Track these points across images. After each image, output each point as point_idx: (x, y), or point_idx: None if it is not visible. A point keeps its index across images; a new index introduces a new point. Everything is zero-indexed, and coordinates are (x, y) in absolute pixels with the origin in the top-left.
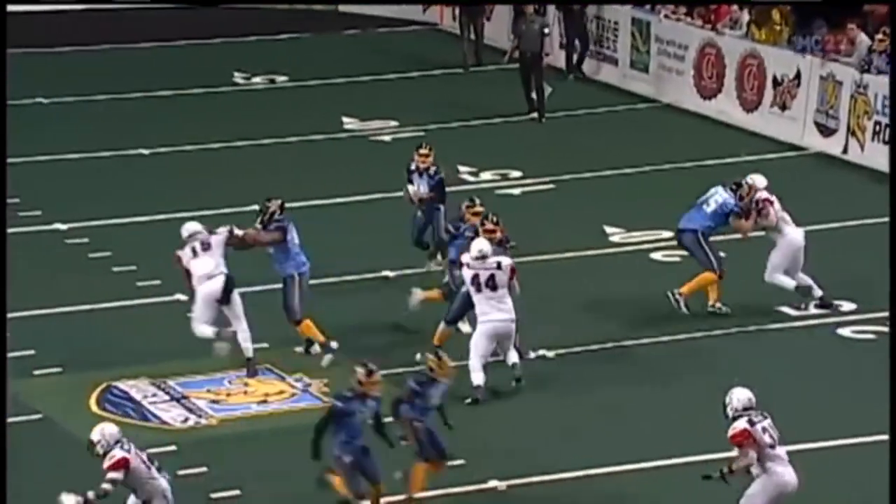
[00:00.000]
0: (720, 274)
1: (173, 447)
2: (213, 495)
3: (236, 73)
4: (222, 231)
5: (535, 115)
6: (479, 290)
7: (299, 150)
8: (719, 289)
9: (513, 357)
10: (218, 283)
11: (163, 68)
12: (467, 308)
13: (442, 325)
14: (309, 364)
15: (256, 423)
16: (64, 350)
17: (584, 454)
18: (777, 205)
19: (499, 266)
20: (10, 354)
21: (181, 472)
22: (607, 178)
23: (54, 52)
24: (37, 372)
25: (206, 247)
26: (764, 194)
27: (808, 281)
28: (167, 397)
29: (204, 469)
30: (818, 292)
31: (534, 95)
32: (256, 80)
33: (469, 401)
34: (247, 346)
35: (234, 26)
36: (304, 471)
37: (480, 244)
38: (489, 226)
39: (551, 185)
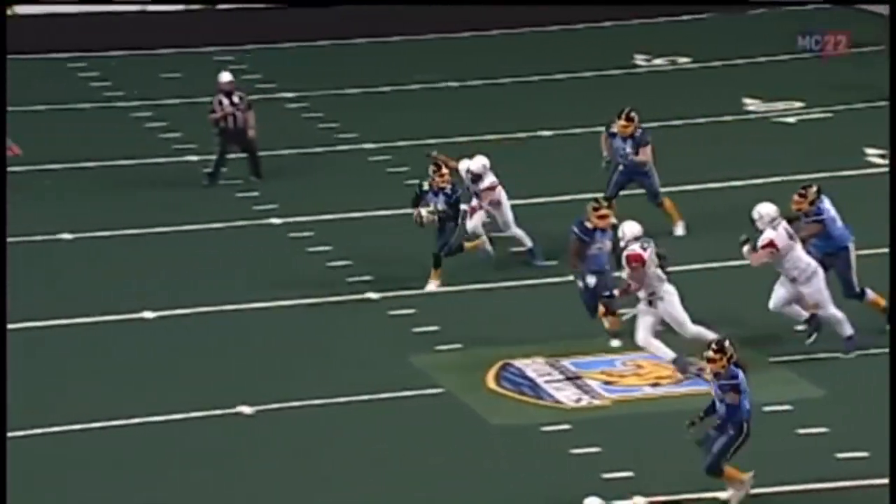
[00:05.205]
0: None
1: (567, 426)
2: (606, 475)
3: (637, 55)
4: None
5: None
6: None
7: (701, 132)
8: None
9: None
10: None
11: (562, 52)
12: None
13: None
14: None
15: (649, 406)
16: (465, 327)
17: None
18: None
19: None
20: (414, 330)
21: (574, 452)
22: None
23: (455, 37)
24: (439, 347)
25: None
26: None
27: None
28: (561, 377)
29: (597, 449)
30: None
31: None
32: (658, 61)
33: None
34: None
35: (636, 7)
36: (699, 453)
37: (632, 225)
38: (603, 211)
39: None
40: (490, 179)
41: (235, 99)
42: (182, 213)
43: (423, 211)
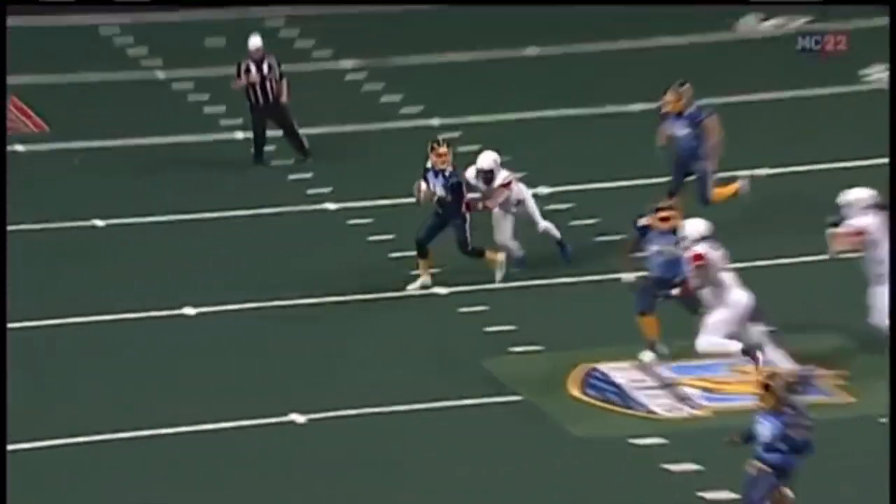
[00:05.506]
0: None
1: (660, 439)
2: (703, 494)
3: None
4: None
5: None
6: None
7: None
8: None
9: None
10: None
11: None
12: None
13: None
14: (817, 351)
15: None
16: (544, 327)
17: None
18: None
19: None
20: (487, 329)
21: (668, 468)
22: None
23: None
24: (514, 349)
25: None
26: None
27: None
28: (655, 383)
29: (695, 466)
30: None
31: None
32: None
33: None
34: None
35: None
36: (807, 472)
37: (696, 224)
38: (663, 213)
39: None
40: (503, 175)
41: (265, 67)
42: (227, 197)
43: (423, 185)
